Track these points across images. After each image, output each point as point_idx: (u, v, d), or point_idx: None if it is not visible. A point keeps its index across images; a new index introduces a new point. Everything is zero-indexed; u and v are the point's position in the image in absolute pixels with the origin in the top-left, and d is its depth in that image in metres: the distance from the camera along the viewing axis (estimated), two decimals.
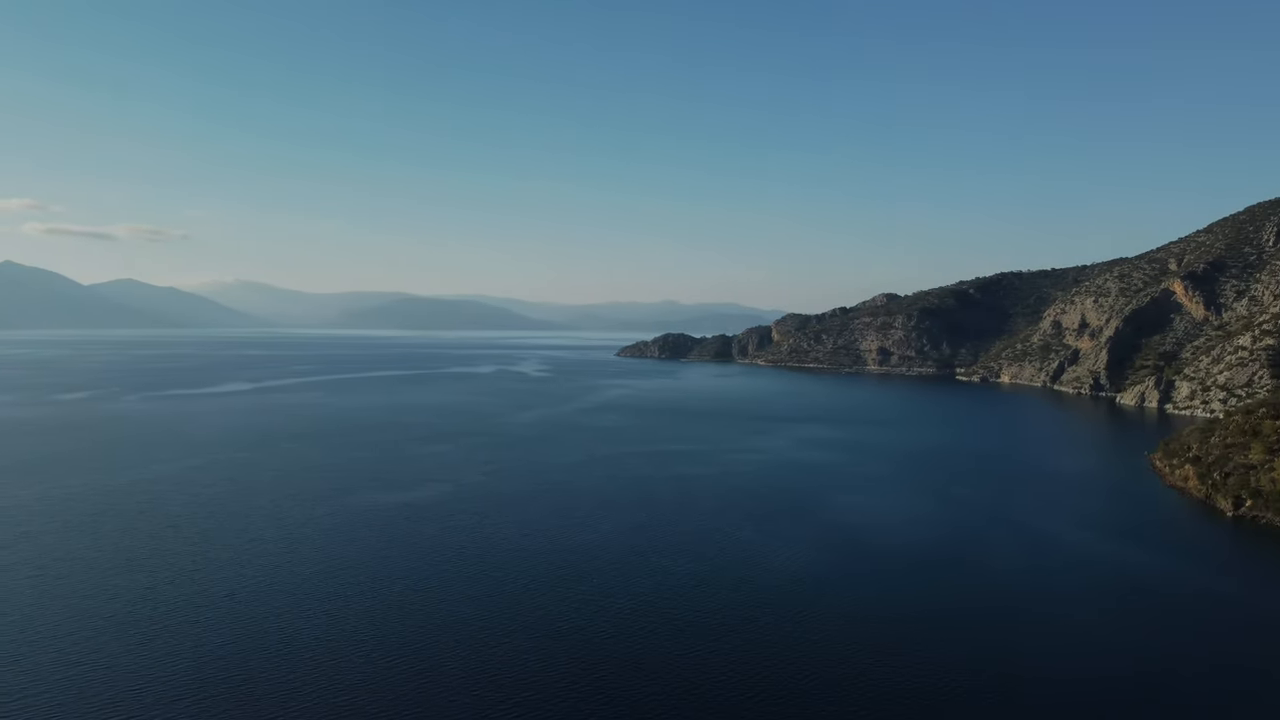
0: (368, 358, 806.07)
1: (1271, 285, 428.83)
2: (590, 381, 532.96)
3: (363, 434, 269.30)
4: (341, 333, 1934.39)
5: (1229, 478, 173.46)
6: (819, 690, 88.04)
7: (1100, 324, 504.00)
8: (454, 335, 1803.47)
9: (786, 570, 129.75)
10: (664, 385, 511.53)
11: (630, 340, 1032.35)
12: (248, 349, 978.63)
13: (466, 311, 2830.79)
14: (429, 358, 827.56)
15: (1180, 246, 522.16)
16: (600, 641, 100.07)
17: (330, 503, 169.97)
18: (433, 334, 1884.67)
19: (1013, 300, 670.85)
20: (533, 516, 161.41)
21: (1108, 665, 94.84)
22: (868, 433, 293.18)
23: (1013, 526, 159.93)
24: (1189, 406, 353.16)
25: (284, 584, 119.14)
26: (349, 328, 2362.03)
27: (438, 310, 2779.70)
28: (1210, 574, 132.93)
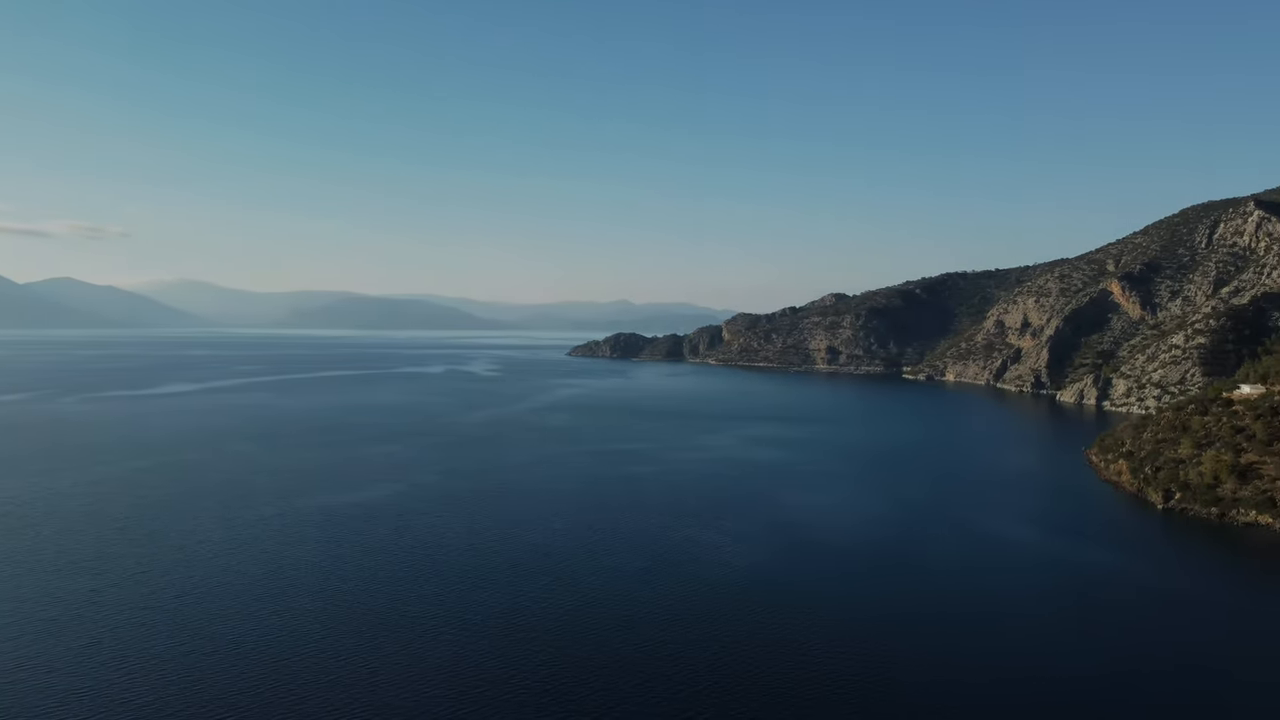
0: (315, 358, 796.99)
1: (1203, 286, 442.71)
2: (541, 381, 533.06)
3: (311, 435, 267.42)
4: (288, 332, 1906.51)
5: (1159, 472, 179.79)
6: (766, 682, 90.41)
7: (1041, 323, 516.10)
8: (403, 335, 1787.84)
9: (733, 566, 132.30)
10: (615, 385, 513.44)
11: (582, 340, 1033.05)
12: (190, 349, 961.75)
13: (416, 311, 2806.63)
14: (378, 358, 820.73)
15: (1118, 248, 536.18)
16: (550, 638, 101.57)
17: (279, 504, 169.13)
18: (382, 334, 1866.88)
19: (958, 300, 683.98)
20: (483, 516, 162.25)
21: (1041, 654, 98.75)
22: (815, 431, 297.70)
23: (952, 521, 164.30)
24: (1125, 403, 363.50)
25: (233, 585, 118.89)
26: (296, 327, 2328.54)
27: (387, 310, 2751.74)
28: (1140, 565, 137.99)
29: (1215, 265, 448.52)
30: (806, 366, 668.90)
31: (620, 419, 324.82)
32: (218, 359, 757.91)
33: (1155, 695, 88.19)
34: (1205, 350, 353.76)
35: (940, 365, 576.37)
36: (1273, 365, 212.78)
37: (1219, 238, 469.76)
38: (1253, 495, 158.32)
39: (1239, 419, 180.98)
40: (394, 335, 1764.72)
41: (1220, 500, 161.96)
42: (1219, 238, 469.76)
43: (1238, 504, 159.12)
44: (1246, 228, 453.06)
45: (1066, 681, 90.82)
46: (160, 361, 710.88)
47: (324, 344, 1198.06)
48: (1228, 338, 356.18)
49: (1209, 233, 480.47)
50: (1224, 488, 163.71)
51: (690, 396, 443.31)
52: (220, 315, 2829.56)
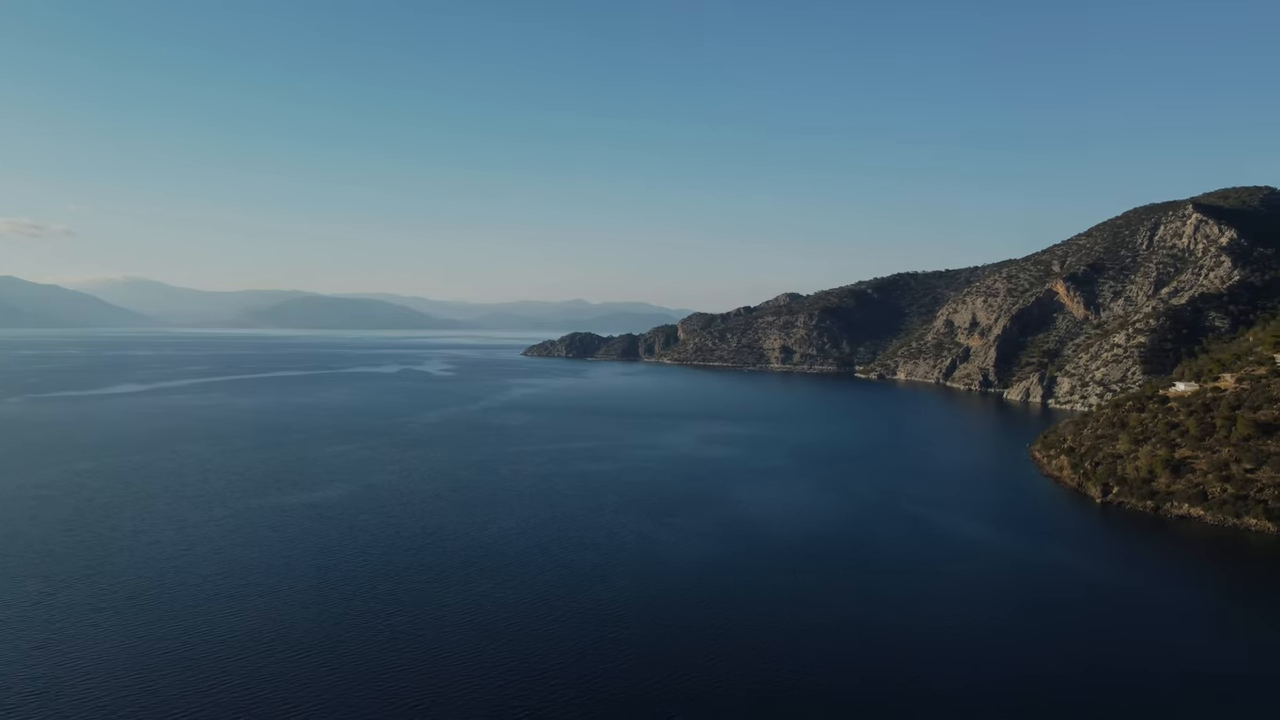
0: (267, 358, 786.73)
1: (1144, 286, 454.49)
2: (496, 381, 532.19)
3: (263, 435, 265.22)
4: (238, 332, 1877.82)
5: (1098, 467, 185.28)
6: (717, 673, 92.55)
7: (990, 323, 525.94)
8: (357, 335, 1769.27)
9: (685, 562, 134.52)
10: (570, 384, 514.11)
11: (537, 340, 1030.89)
12: (137, 349, 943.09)
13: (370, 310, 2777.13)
14: (331, 358, 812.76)
15: (1063, 249, 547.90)
16: (503, 633, 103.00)
17: (231, 504, 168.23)
18: (335, 333, 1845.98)
19: (909, 300, 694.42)
20: (438, 514, 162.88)
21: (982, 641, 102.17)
22: (767, 428, 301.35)
23: (898, 516, 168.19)
24: (1069, 401, 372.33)
25: (186, 585, 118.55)
26: (246, 327, 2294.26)
27: (340, 309, 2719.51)
28: (1078, 557, 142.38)
29: (1156, 266, 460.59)
30: (761, 366, 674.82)
31: (575, 418, 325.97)
32: (166, 359, 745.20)
33: (1093, 679, 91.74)
34: (1145, 349, 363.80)
35: (892, 364, 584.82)
36: (1206, 364, 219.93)
37: (1159, 240, 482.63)
38: (1185, 489, 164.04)
39: (1174, 415, 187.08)
40: (347, 335, 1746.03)
41: (1155, 494, 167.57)
42: (1159, 240, 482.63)
43: (1171, 497, 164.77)
44: (1185, 230, 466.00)
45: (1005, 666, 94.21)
46: (106, 362, 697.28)
47: (275, 344, 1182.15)
48: (1167, 337, 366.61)
49: (1150, 235, 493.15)
50: (1159, 482, 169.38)
51: (644, 396, 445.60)
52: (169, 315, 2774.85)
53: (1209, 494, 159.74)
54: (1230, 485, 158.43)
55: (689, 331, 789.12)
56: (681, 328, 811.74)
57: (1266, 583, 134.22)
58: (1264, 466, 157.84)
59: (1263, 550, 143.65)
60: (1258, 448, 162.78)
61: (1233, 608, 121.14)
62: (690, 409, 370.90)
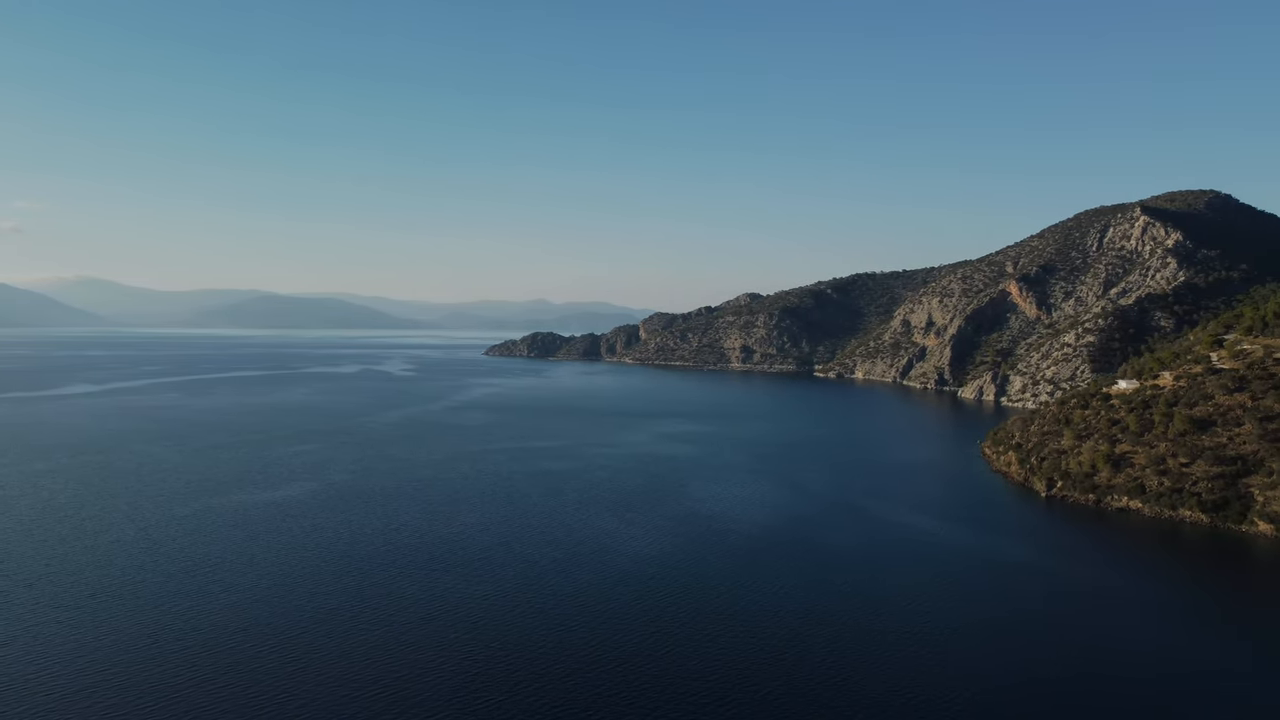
0: (225, 358, 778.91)
1: (1094, 287, 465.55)
2: (457, 380, 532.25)
3: (222, 435, 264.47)
4: (195, 332, 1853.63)
5: (1044, 462, 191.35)
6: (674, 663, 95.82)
7: (945, 323, 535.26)
8: (316, 335, 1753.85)
9: (642, 555, 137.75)
10: (531, 384, 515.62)
11: (499, 340, 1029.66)
12: (91, 349, 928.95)
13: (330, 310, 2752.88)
14: (290, 357, 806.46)
15: (1016, 250, 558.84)
16: (467, 625, 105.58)
17: (192, 503, 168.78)
18: (294, 333, 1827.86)
19: (867, 300, 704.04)
20: (400, 512, 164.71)
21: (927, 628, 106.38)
22: (727, 427, 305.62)
23: (852, 510, 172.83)
24: (1021, 399, 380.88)
25: (149, 583, 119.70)
26: (203, 327, 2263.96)
27: (299, 308, 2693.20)
28: (1022, 548, 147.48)
29: (1105, 267, 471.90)
30: (722, 365, 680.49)
31: (536, 418, 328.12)
32: (121, 359, 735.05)
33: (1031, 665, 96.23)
34: (1094, 348, 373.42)
35: (850, 363, 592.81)
36: (1148, 363, 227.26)
37: (1108, 241, 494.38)
38: (1125, 483, 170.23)
39: (1115, 412, 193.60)
40: (305, 335, 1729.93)
41: (1097, 488, 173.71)
42: (1108, 241, 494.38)
43: (1112, 491, 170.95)
44: (1133, 232, 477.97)
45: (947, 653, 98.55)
46: (59, 362, 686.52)
47: (232, 344, 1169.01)
48: (1114, 336, 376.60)
49: (1100, 236, 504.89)
50: (1100, 476, 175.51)
51: (606, 395, 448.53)
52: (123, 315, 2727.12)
53: (1147, 487, 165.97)
54: (1166, 479, 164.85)
55: (650, 331, 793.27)
56: (643, 327, 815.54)
57: (1199, 571, 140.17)
58: (1198, 461, 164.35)
59: (1196, 540, 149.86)
60: (1192, 443, 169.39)
61: (1166, 593, 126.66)
62: (651, 408, 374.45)
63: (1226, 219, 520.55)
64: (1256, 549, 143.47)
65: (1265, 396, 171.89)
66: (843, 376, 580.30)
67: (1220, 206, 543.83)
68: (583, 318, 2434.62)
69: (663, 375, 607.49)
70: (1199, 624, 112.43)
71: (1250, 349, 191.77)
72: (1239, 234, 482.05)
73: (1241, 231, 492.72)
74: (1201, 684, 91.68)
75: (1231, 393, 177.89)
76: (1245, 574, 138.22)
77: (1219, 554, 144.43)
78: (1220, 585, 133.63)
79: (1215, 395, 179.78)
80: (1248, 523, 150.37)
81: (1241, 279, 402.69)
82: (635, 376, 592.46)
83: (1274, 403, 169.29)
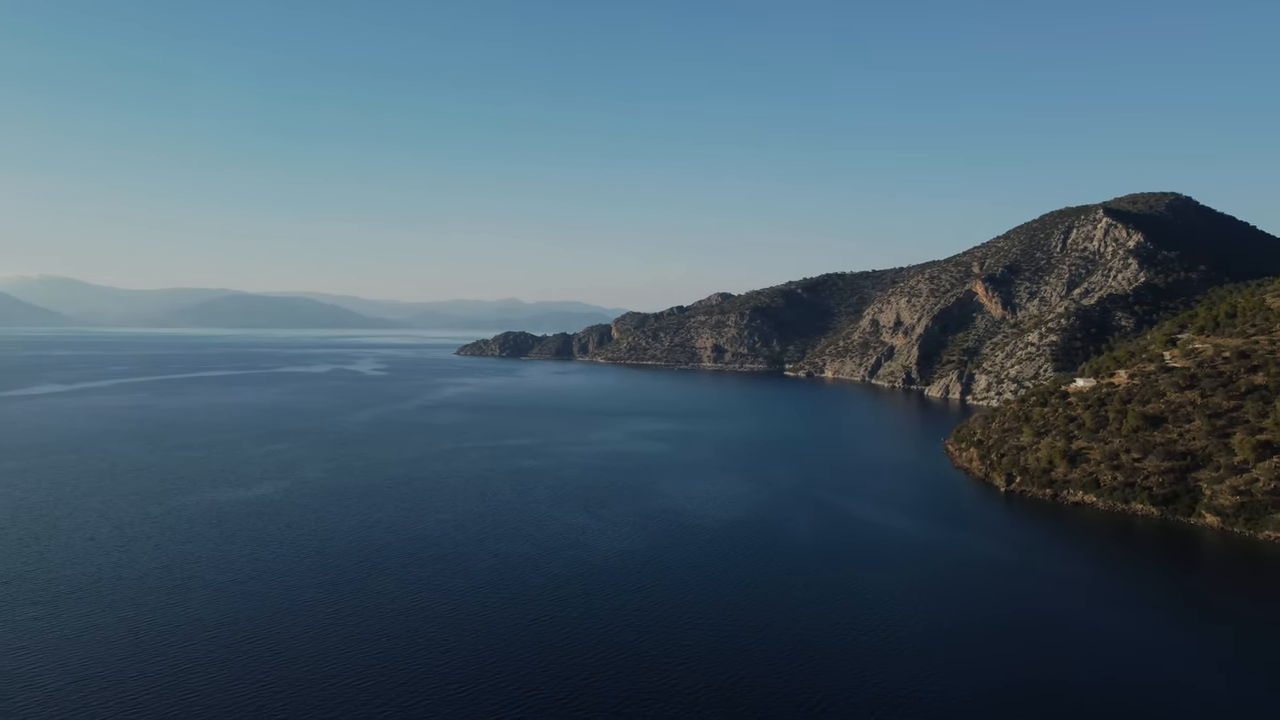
0: (194, 358, 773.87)
1: (1058, 287, 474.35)
2: (429, 380, 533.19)
3: (194, 434, 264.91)
4: (163, 332, 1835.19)
5: (1003, 458, 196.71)
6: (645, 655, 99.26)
7: (913, 322, 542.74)
8: (286, 334, 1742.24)
9: (615, 550, 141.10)
10: (503, 383, 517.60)
11: (471, 339, 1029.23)
12: (57, 349, 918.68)
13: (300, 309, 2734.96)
14: (260, 357, 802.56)
15: (983, 251, 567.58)
16: (440, 618, 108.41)
17: (166, 502, 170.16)
18: (263, 333, 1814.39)
19: (837, 300, 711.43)
20: (373, 509, 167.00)
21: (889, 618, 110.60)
22: (698, 425, 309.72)
23: (818, 505, 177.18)
24: (986, 397, 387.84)
25: (126, 579, 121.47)
26: (171, 326, 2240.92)
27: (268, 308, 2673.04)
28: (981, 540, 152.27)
29: (1068, 268, 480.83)
30: (693, 364, 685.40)
31: (508, 416, 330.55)
32: (88, 359, 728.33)
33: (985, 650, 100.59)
34: (1057, 347, 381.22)
35: (820, 362, 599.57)
36: (1105, 361, 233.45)
37: (1072, 242, 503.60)
38: (1080, 477, 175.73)
39: (1072, 409, 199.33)
40: (275, 334, 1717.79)
41: (1054, 483, 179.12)
42: (1072, 242, 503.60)
43: (1068, 485, 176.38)
44: (1096, 233, 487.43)
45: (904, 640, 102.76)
46: (25, 362, 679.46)
47: (202, 343, 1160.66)
48: (1076, 336, 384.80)
49: (1064, 238, 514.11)
50: (1057, 471, 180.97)
51: (578, 394, 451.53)
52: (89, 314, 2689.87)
53: (1101, 482, 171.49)
54: (1120, 473, 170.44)
55: (623, 331, 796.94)
56: (615, 327, 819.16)
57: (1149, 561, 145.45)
58: (1150, 456, 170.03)
59: (1147, 533, 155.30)
60: (1144, 439, 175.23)
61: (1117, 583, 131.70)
62: (622, 406, 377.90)
63: (1186, 221, 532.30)
64: (1204, 540, 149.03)
65: (1214, 394, 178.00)
66: (812, 375, 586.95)
67: (1180, 208, 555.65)
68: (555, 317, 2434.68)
69: (635, 374, 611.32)
70: (1148, 612, 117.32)
71: (1201, 348, 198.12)
72: (1198, 235, 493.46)
73: (1200, 233, 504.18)
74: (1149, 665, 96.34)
75: (1182, 390, 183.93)
76: (1193, 564, 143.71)
77: (1168, 545, 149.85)
78: (1168, 575, 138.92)
79: (1167, 393, 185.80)
80: (1196, 515, 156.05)
81: (1200, 280, 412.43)
82: (607, 375, 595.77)
83: (1222, 400, 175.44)
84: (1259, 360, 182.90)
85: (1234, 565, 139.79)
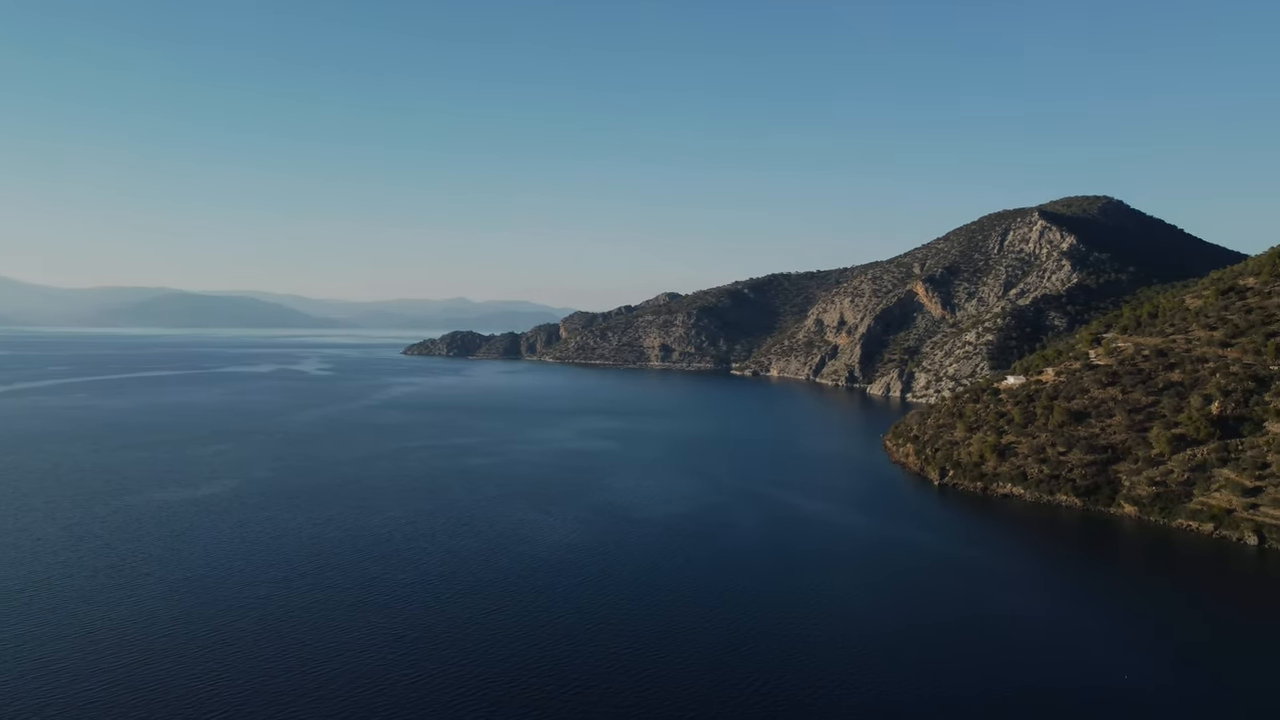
0: (134, 357, 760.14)
1: (995, 288, 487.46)
2: (376, 379, 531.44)
3: (137, 435, 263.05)
4: (98, 331, 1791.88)
5: (937, 453, 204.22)
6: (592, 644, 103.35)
7: (856, 322, 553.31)
8: (229, 334, 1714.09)
9: (562, 542, 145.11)
10: (452, 382, 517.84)
11: (418, 339, 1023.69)
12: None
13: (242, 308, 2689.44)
14: (202, 357, 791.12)
15: (923, 252, 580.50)
16: (393, 609, 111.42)
17: (112, 502, 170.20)
18: (204, 332, 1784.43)
19: (782, 300, 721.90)
20: (324, 507, 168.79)
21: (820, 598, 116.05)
22: (644, 423, 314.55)
23: (758, 500, 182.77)
24: (925, 395, 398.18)
25: (76, 577, 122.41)
26: (109, 326, 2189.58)
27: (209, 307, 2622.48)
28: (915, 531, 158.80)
29: (1005, 269, 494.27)
30: (641, 364, 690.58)
31: (457, 415, 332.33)
32: (23, 359, 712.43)
33: (910, 627, 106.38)
34: (993, 346, 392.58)
35: (765, 361, 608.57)
36: (1034, 360, 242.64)
37: (1009, 244, 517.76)
38: (1009, 470, 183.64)
39: (1003, 406, 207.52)
40: (217, 334, 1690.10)
41: (984, 476, 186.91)
42: (1009, 244, 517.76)
43: (998, 478, 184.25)
44: (1031, 235, 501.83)
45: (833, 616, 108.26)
46: None
47: (141, 343, 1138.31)
48: (1012, 335, 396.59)
49: (1001, 239, 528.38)
50: (987, 465, 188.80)
51: (526, 393, 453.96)
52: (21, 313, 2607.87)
53: (1028, 474, 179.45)
54: (1046, 466, 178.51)
55: (571, 330, 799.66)
56: (563, 326, 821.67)
57: (1070, 549, 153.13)
58: (1074, 450, 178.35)
59: (1070, 523, 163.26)
60: (1069, 433, 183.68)
61: (1040, 569, 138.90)
62: (571, 405, 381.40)
63: (1118, 223, 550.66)
64: (1122, 529, 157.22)
65: (1134, 390, 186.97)
66: (758, 374, 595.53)
67: (1112, 211, 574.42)
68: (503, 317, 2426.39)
69: (583, 373, 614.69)
70: (1069, 596, 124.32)
71: (1123, 347, 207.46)
72: (1129, 238, 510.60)
73: (1132, 235, 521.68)
74: (1068, 644, 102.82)
75: (1105, 387, 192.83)
76: (1111, 551, 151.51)
77: (1089, 534, 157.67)
78: (1088, 561, 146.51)
79: (1090, 389, 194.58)
80: (1115, 505, 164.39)
81: (1129, 280, 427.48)
82: (556, 375, 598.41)
83: (1141, 396, 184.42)
84: (1175, 359, 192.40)
85: (1150, 553, 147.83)
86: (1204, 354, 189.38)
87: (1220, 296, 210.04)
